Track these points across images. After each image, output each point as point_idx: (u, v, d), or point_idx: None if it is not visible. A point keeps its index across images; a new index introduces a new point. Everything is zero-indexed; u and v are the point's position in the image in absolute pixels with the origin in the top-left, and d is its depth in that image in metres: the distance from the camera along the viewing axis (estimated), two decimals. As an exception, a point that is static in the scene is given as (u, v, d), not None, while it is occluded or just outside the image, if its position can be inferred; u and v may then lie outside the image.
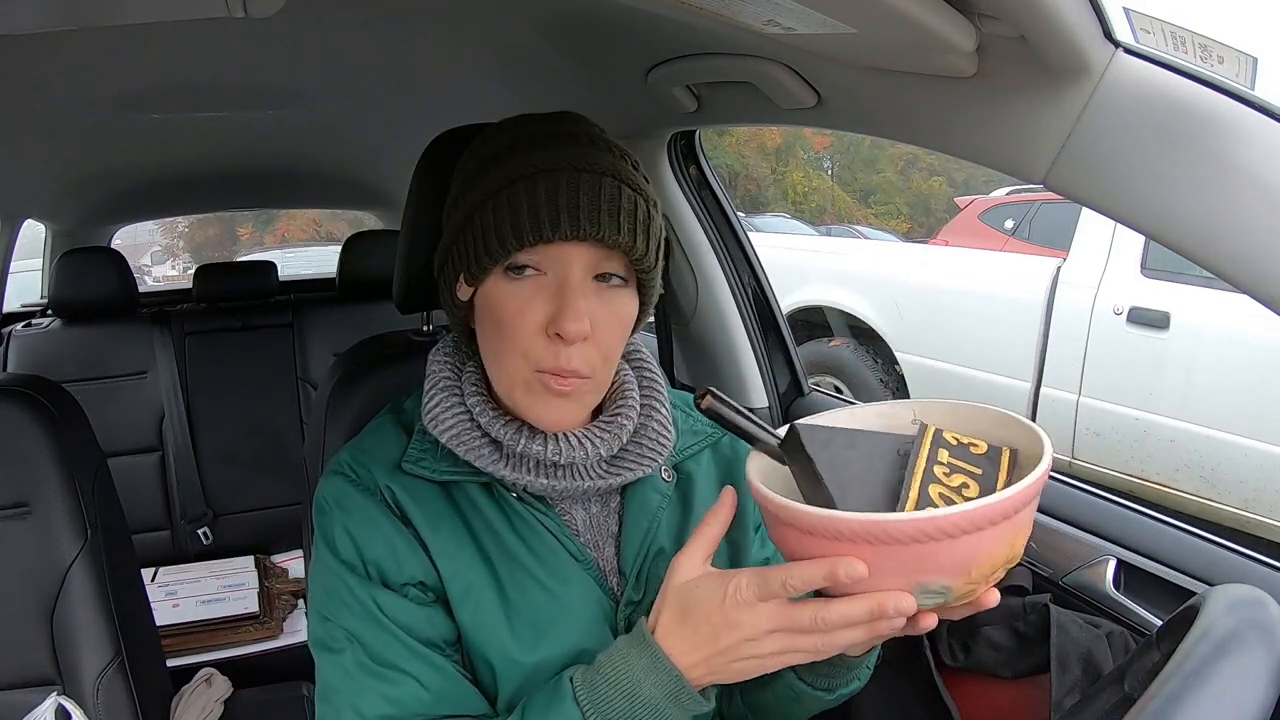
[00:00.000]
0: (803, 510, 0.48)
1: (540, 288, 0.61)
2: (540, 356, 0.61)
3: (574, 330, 0.59)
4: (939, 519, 0.45)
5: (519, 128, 0.65)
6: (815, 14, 0.58)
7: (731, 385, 1.38)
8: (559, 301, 0.60)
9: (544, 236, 0.59)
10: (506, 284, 0.61)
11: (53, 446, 1.00)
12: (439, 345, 0.73)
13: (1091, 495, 0.92)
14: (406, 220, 0.86)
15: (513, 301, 0.61)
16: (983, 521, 0.45)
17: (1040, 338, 3.21)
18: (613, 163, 0.62)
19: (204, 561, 2.00)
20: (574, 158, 0.61)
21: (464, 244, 0.63)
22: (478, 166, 0.64)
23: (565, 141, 0.62)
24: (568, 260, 0.60)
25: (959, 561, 0.47)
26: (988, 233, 4.42)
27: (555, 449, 0.64)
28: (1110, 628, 0.83)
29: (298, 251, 8.94)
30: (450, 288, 0.67)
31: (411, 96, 1.43)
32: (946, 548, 0.45)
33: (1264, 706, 0.43)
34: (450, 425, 0.66)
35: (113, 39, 0.99)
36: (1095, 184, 0.60)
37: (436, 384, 0.68)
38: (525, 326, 0.60)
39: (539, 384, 0.62)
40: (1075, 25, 0.54)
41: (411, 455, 0.67)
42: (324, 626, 0.64)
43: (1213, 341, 2.76)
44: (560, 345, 0.60)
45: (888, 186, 18.03)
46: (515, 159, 0.61)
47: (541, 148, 0.62)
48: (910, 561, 0.46)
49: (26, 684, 0.98)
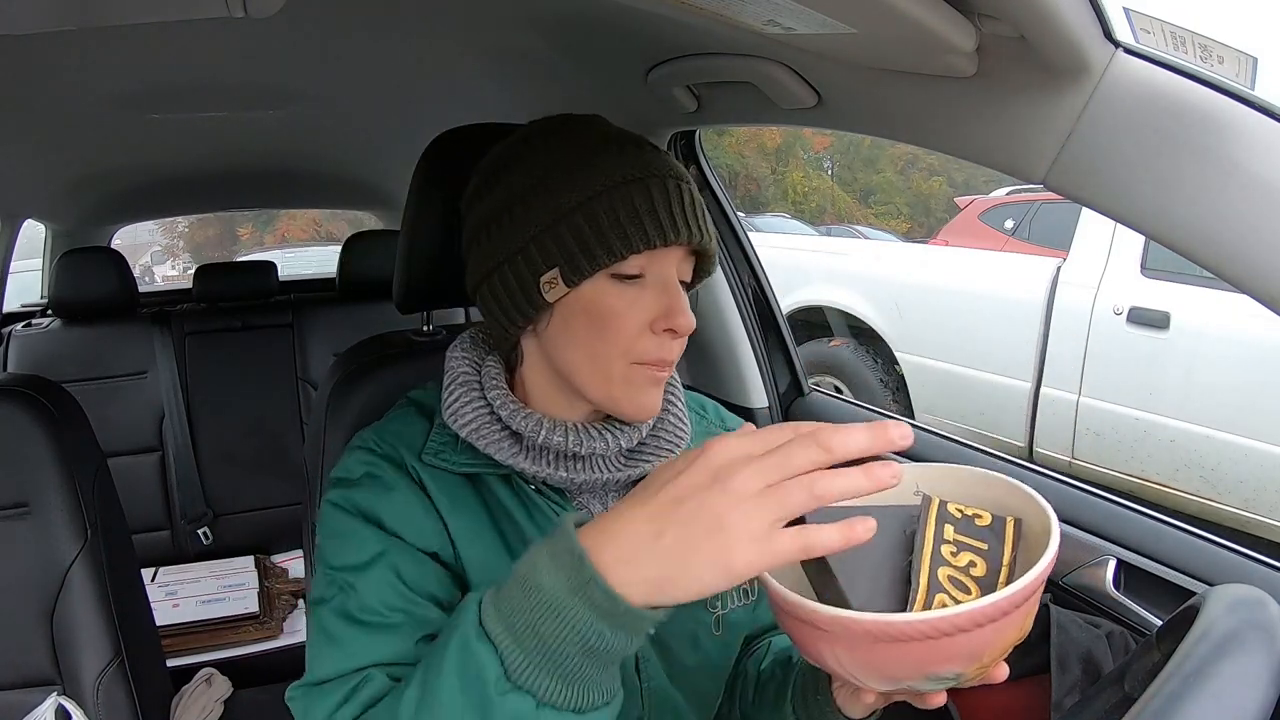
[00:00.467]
0: (814, 609, 0.47)
1: (643, 288, 0.64)
2: (645, 351, 0.64)
3: (686, 323, 0.63)
4: (952, 618, 0.44)
5: (583, 127, 0.66)
6: (815, 14, 0.58)
7: (731, 385, 1.38)
8: (666, 300, 0.63)
9: (652, 244, 0.62)
10: (615, 287, 0.63)
11: (53, 446, 1.00)
12: (457, 341, 0.73)
13: (1091, 495, 0.92)
14: (406, 220, 0.86)
15: (622, 302, 0.63)
16: (995, 614, 0.45)
17: (1040, 338, 3.21)
18: (676, 165, 0.66)
19: (204, 561, 2.00)
20: (657, 164, 0.64)
21: (555, 243, 0.62)
22: (553, 163, 0.64)
23: (632, 145, 0.65)
24: (668, 263, 0.64)
25: (971, 651, 0.46)
26: (988, 233, 4.42)
27: (576, 440, 0.65)
28: (1110, 628, 0.83)
29: (298, 251, 8.94)
30: (525, 286, 0.64)
31: (411, 96, 1.43)
32: (959, 641, 0.45)
33: (1264, 706, 0.43)
34: (470, 419, 0.67)
35: (113, 39, 0.99)
36: (1095, 184, 0.60)
37: (455, 379, 0.69)
38: (632, 326, 0.63)
39: (640, 375, 0.65)
40: (1075, 25, 0.54)
41: (432, 447, 0.67)
42: (325, 576, 0.63)
43: (1213, 341, 2.76)
44: (667, 339, 0.64)
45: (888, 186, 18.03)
46: (603, 161, 0.63)
47: (623, 150, 0.64)
48: (923, 656, 0.46)
49: (26, 684, 0.98)
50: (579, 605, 0.44)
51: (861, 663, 0.48)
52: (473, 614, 0.47)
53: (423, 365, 0.89)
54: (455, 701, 0.46)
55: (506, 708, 0.45)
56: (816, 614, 0.46)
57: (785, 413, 1.39)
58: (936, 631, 0.44)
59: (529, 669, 0.45)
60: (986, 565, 0.50)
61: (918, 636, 0.44)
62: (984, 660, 0.47)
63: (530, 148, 0.66)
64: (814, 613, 0.46)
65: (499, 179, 0.66)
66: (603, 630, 0.44)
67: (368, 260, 2.14)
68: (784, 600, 0.49)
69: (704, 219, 0.65)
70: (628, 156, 0.63)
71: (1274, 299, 0.53)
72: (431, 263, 0.86)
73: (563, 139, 0.65)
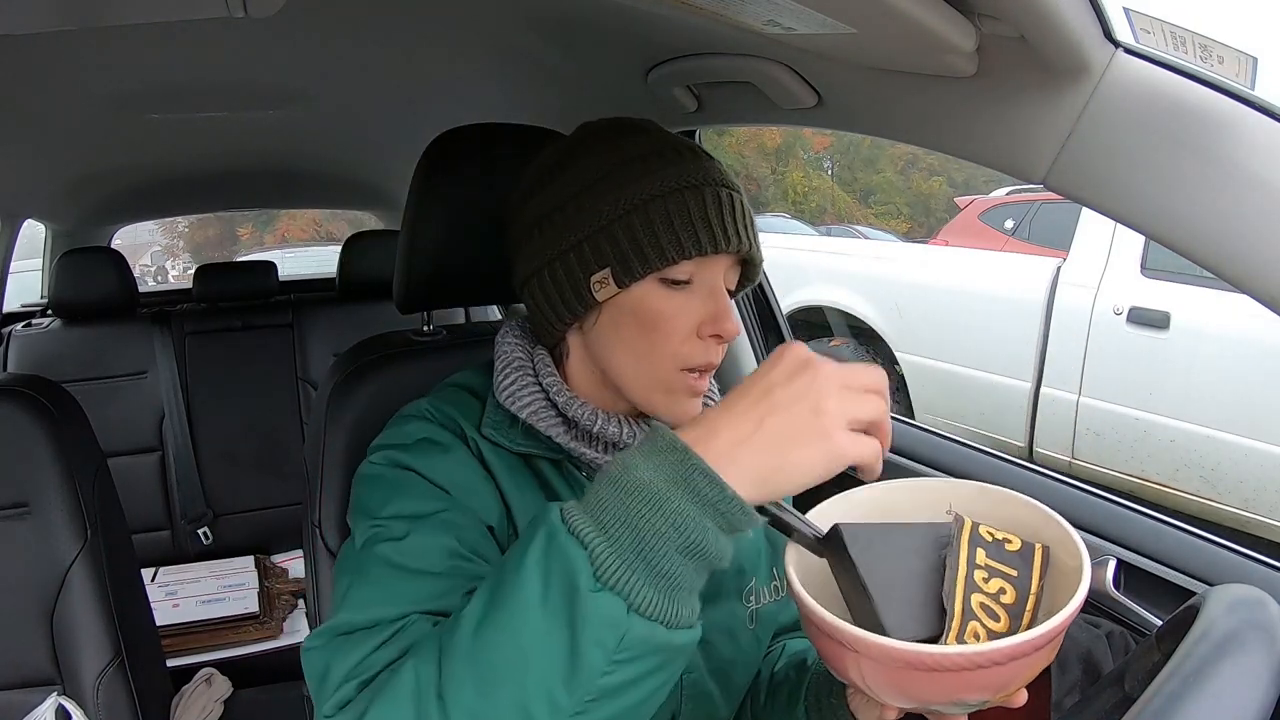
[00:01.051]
0: (855, 635, 0.47)
1: (691, 294, 0.64)
2: (691, 355, 0.64)
3: (733, 329, 0.64)
4: (989, 653, 0.45)
5: (636, 133, 0.67)
6: (815, 14, 0.58)
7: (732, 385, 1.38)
8: (713, 306, 0.64)
9: (704, 250, 0.62)
10: (664, 291, 0.63)
11: (53, 446, 1.00)
12: (506, 329, 0.73)
13: (1091, 495, 0.92)
14: (406, 220, 0.86)
15: (670, 306, 0.63)
16: (1029, 650, 0.46)
17: (1040, 338, 3.21)
18: (729, 175, 0.66)
19: (204, 561, 2.00)
20: (713, 173, 0.65)
21: (611, 243, 0.63)
22: (611, 166, 0.64)
23: (687, 152, 0.66)
24: (717, 270, 0.65)
25: (1001, 683, 0.48)
26: (988, 233, 4.42)
27: (630, 433, 0.67)
28: (1110, 628, 0.82)
29: (298, 251, 8.94)
30: (576, 283, 0.64)
31: (412, 96, 1.43)
32: (990, 673, 0.46)
33: (1264, 706, 0.43)
34: (528, 401, 0.67)
35: (113, 39, 0.99)
36: (1095, 184, 0.60)
37: (510, 364, 0.70)
38: (680, 330, 0.64)
39: (681, 386, 0.65)
40: (1075, 25, 0.54)
41: (490, 421, 0.68)
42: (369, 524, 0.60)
43: (1213, 341, 2.76)
44: (713, 344, 0.65)
45: (888, 186, 18.02)
46: (661, 167, 0.63)
47: (681, 158, 0.65)
48: (954, 684, 0.47)
49: (26, 684, 0.98)
50: (682, 497, 0.43)
51: (890, 685, 0.49)
52: (555, 515, 0.45)
53: (423, 365, 0.89)
54: (533, 608, 0.43)
55: (596, 610, 0.42)
56: (857, 639, 0.46)
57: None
58: (971, 664, 0.45)
59: (622, 568, 0.42)
60: (1016, 593, 0.51)
61: (952, 668, 0.45)
62: (1010, 689, 0.49)
63: (587, 149, 0.67)
64: (855, 638, 0.46)
65: (553, 178, 0.66)
66: (705, 525, 0.43)
67: (368, 260, 2.14)
68: (821, 620, 0.48)
69: (753, 229, 0.66)
70: (685, 163, 0.64)
71: (1274, 299, 0.53)
72: (431, 263, 0.86)
73: (619, 142, 0.66)
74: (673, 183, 0.63)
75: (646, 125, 0.69)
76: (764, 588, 0.75)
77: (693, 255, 0.62)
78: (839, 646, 0.48)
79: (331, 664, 0.52)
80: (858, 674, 0.49)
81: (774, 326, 1.41)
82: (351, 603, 0.56)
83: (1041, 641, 0.46)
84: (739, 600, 0.73)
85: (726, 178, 0.66)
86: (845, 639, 0.47)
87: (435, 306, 0.91)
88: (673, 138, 0.67)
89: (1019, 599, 0.51)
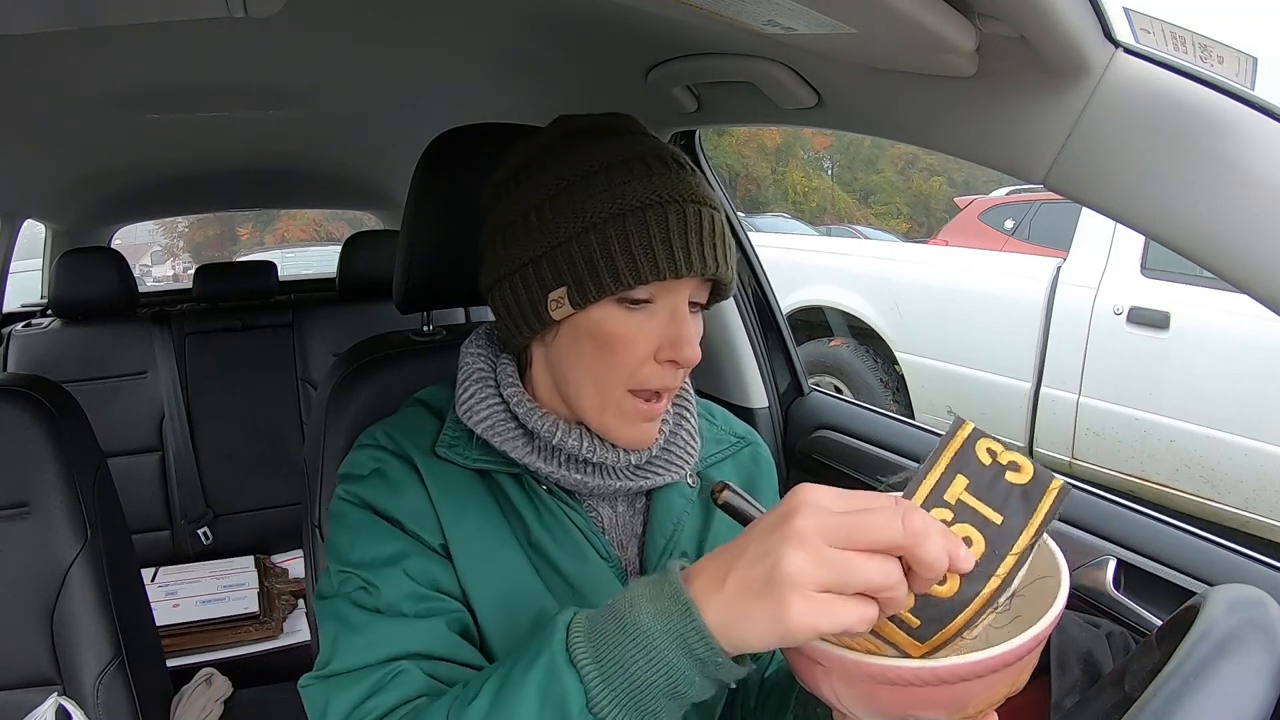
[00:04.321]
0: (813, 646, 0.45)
1: (651, 315, 0.62)
2: (647, 379, 0.63)
3: (691, 355, 0.62)
4: (937, 669, 0.41)
5: (607, 138, 0.63)
6: (815, 14, 0.58)
7: (732, 385, 1.38)
8: (673, 330, 0.62)
9: (663, 275, 0.60)
10: (622, 313, 0.62)
11: (53, 446, 1.00)
12: (471, 338, 0.73)
13: (1091, 495, 0.92)
14: (406, 220, 0.86)
15: (628, 329, 0.62)
16: (985, 670, 0.41)
17: (1040, 338, 3.21)
18: (704, 189, 0.63)
19: (204, 561, 2.00)
20: (678, 188, 0.61)
21: (566, 262, 0.61)
22: (576, 177, 0.61)
23: (657, 164, 0.62)
24: (680, 292, 0.62)
25: (958, 701, 0.43)
26: (988, 233, 4.42)
27: (590, 446, 0.66)
28: (1110, 628, 0.83)
29: (298, 251, 8.94)
30: (533, 300, 0.63)
31: (411, 96, 1.43)
32: (945, 691, 0.42)
33: (1264, 706, 0.43)
34: (485, 415, 0.66)
35: (113, 39, 0.99)
36: (1095, 184, 0.60)
37: (470, 375, 0.69)
38: (638, 353, 0.62)
39: (632, 409, 0.64)
40: (1075, 25, 0.54)
41: (444, 440, 0.67)
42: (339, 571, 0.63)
43: (1213, 341, 2.76)
44: (670, 369, 0.63)
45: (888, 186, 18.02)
46: (626, 183, 0.60)
47: (649, 171, 0.61)
48: (909, 699, 0.43)
49: (26, 684, 0.98)
50: (677, 651, 0.45)
51: (857, 698, 0.46)
52: (560, 637, 0.48)
53: (423, 365, 0.89)
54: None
55: None
56: (816, 651, 0.45)
57: (785, 412, 1.39)
58: (920, 680, 0.41)
59: (611, 705, 0.46)
60: (985, 548, 0.43)
61: (901, 683, 0.42)
62: (969, 711, 0.44)
63: (553, 155, 0.64)
64: (815, 651, 0.45)
65: (519, 182, 0.64)
66: (693, 678, 0.45)
67: (368, 260, 2.14)
68: None
69: (724, 247, 0.63)
70: (652, 177, 0.61)
71: (1274, 299, 0.53)
72: (431, 263, 0.86)
73: (588, 150, 0.63)
74: (635, 200, 0.60)
75: (623, 127, 0.65)
76: None
77: (650, 280, 0.60)
78: (807, 661, 0.47)
79: (330, 702, 0.57)
80: (829, 688, 0.47)
81: (774, 326, 1.41)
82: (340, 650, 0.60)
83: (999, 663, 0.41)
84: None
85: (698, 192, 0.62)
86: (810, 653, 0.45)
87: (435, 306, 0.91)
88: (649, 144, 0.64)
89: (987, 557, 0.43)
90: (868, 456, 1.20)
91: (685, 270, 0.60)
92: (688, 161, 0.65)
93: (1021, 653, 0.41)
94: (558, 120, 0.67)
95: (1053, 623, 0.43)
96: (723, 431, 0.79)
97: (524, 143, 0.67)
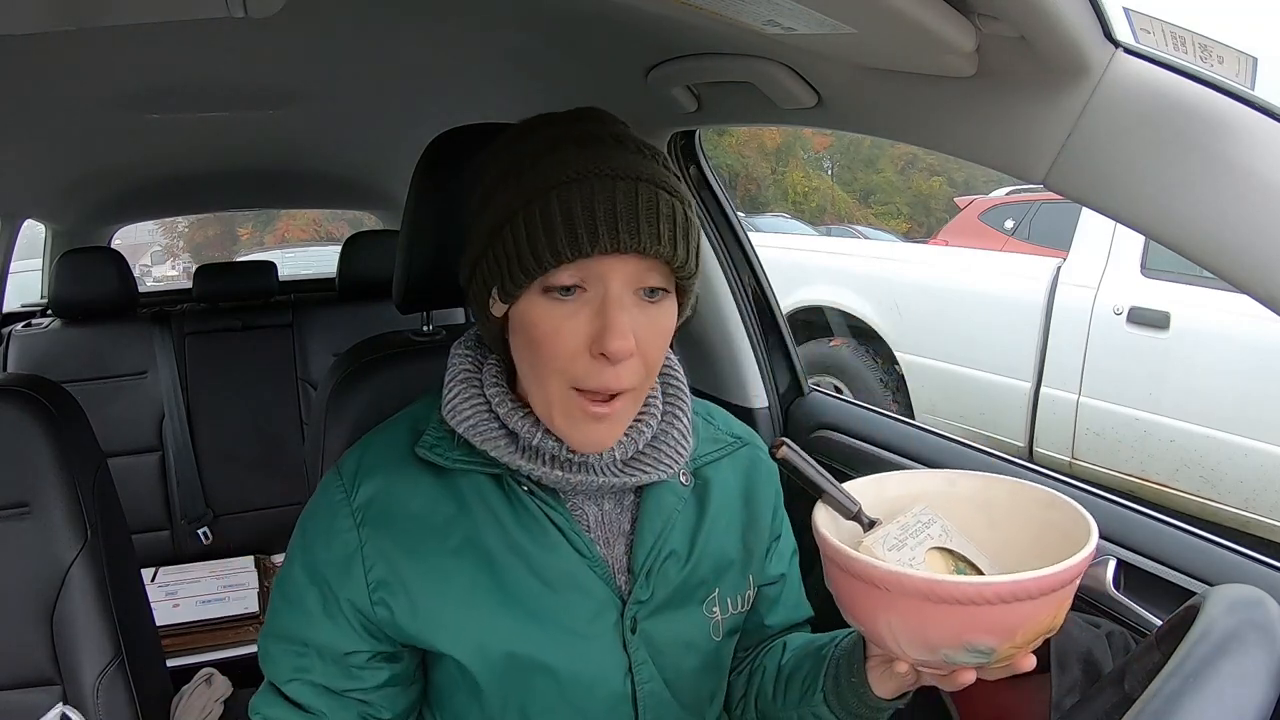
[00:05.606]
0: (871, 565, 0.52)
1: (581, 304, 0.58)
2: (581, 375, 0.59)
3: (619, 349, 0.57)
4: (997, 585, 0.49)
5: (542, 129, 0.61)
6: (815, 14, 0.58)
7: (731, 385, 1.38)
8: (602, 319, 0.57)
9: (582, 251, 0.55)
10: (545, 303, 0.58)
11: (53, 446, 1.00)
12: (461, 339, 0.73)
13: (1091, 495, 0.92)
14: (406, 220, 0.86)
15: (550, 321, 0.58)
16: (1035, 591, 0.49)
17: (1040, 338, 3.21)
18: (645, 165, 0.58)
19: (204, 561, 2.00)
20: (605, 163, 0.57)
21: (493, 259, 0.59)
22: (501, 173, 0.60)
23: (592, 144, 0.58)
24: (608, 275, 0.57)
25: (1008, 625, 0.50)
26: (988, 233, 4.42)
27: (565, 446, 0.65)
28: (1110, 628, 0.82)
29: (298, 251, 8.94)
30: (481, 302, 0.64)
31: (411, 96, 1.43)
32: (999, 611, 0.49)
33: (1264, 706, 0.43)
34: (468, 415, 0.66)
35: (113, 39, 0.98)
36: (1095, 184, 0.59)
37: (456, 376, 0.69)
38: (565, 346, 0.58)
39: (577, 408, 0.60)
40: (1075, 25, 0.54)
41: (426, 442, 0.67)
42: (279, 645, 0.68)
43: (1213, 341, 2.76)
44: (605, 364, 0.58)
45: (888, 186, 18.02)
46: (543, 166, 0.57)
47: (569, 153, 0.58)
48: (964, 621, 0.50)
49: (26, 684, 0.98)
50: None
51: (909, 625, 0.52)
52: None
53: (423, 365, 0.89)
54: None
55: None
56: (875, 569, 0.51)
57: (785, 413, 1.39)
58: (981, 598, 0.48)
59: None
60: None
61: (963, 599, 0.49)
62: (1016, 639, 0.51)
63: (492, 154, 0.63)
64: (873, 568, 0.51)
65: (473, 186, 0.65)
66: None
67: (367, 260, 2.14)
68: (844, 558, 0.53)
69: (669, 227, 0.57)
70: (584, 155, 0.57)
71: (1274, 299, 0.53)
72: (431, 263, 0.86)
73: (523, 141, 0.61)
74: (554, 178, 0.56)
75: (566, 117, 0.62)
76: (731, 597, 0.74)
77: (572, 258, 0.55)
78: (865, 585, 0.52)
79: None
80: (885, 621, 0.53)
81: (774, 326, 1.41)
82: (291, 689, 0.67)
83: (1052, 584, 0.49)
84: (699, 610, 0.72)
85: (634, 168, 0.57)
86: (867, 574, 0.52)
87: (435, 306, 0.91)
88: (589, 129, 0.59)
89: None
90: (868, 456, 1.20)
91: (610, 245, 0.55)
92: (645, 145, 0.61)
93: (1067, 578, 0.50)
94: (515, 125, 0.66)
95: (1089, 555, 0.51)
96: (721, 431, 0.79)
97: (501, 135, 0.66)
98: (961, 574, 0.59)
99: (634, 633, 0.68)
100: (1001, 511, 0.63)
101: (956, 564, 0.59)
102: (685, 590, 0.71)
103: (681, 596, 0.71)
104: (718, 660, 0.74)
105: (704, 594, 0.72)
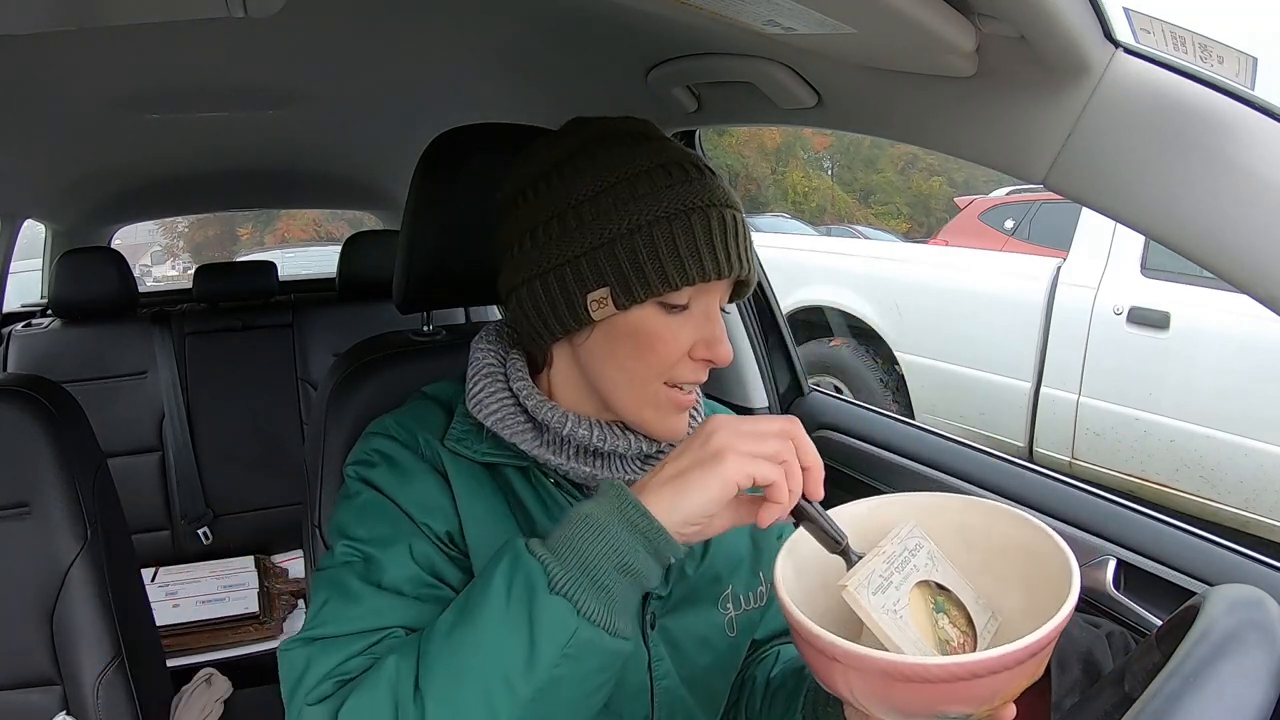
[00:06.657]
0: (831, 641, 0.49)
1: (687, 317, 0.64)
2: (681, 374, 0.65)
3: (725, 354, 0.65)
4: (969, 664, 0.46)
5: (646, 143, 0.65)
6: (815, 14, 0.58)
7: (732, 385, 1.38)
8: (708, 331, 0.65)
9: (706, 277, 0.62)
10: (661, 314, 0.63)
11: (53, 446, 1.00)
12: (482, 333, 0.73)
13: (1091, 495, 0.92)
14: (406, 220, 0.86)
15: (668, 331, 0.64)
16: (1010, 662, 0.47)
17: (1040, 338, 3.21)
18: (730, 193, 0.65)
19: (204, 561, 2.00)
20: (717, 193, 0.64)
21: (612, 264, 0.61)
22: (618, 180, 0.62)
23: (700, 172, 0.64)
24: (713, 293, 0.65)
25: (984, 695, 0.48)
26: (988, 233, 4.42)
27: (600, 435, 0.67)
28: (1110, 628, 0.82)
29: (298, 251, 8.94)
30: (570, 299, 0.63)
31: (411, 96, 1.43)
32: (972, 685, 0.47)
33: (1264, 706, 0.43)
34: (495, 409, 0.67)
35: (113, 39, 0.98)
36: (1095, 184, 0.60)
37: (480, 370, 0.70)
38: (674, 352, 0.64)
39: (670, 402, 0.66)
40: (1075, 25, 0.54)
41: (454, 434, 0.68)
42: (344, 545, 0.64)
43: (1213, 341, 2.75)
44: (701, 366, 0.66)
45: (888, 186, 18.01)
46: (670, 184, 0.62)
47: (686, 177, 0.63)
48: (935, 696, 0.47)
49: (26, 684, 0.98)
50: (618, 524, 0.53)
51: (875, 696, 0.49)
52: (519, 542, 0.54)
53: (423, 365, 0.89)
54: (499, 610, 0.52)
55: (551, 612, 0.51)
56: (834, 646, 0.48)
57: (785, 412, 1.39)
58: (951, 676, 0.46)
59: (570, 582, 0.52)
60: None
61: (932, 679, 0.46)
62: (994, 703, 0.49)
63: (589, 156, 0.64)
64: (832, 645, 0.48)
65: (550, 184, 0.64)
66: (636, 547, 0.52)
67: (367, 260, 2.14)
68: (807, 631, 0.50)
69: (750, 249, 0.66)
70: (690, 182, 0.63)
71: (1274, 299, 0.53)
72: (431, 263, 0.86)
73: (625, 153, 0.63)
74: (679, 204, 0.61)
75: (649, 132, 0.67)
76: (744, 594, 0.75)
77: (695, 282, 0.62)
78: (825, 658, 0.49)
79: (312, 662, 0.58)
80: (845, 685, 0.50)
81: (774, 326, 1.41)
82: (329, 615, 0.61)
83: (1024, 655, 0.46)
84: (715, 607, 0.73)
85: (729, 197, 0.65)
86: (827, 649, 0.48)
87: (435, 306, 0.91)
88: (677, 150, 0.65)
89: None
90: (868, 457, 1.20)
91: (726, 271, 0.63)
92: (713, 166, 0.67)
93: (1045, 643, 0.47)
94: (579, 123, 0.68)
95: (1067, 617, 0.48)
96: None
97: (546, 145, 0.67)
98: (941, 611, 0.55)
99: (653, 628, 0.69)
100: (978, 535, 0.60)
101: (937, 599, 0.55)
102: (700, 587, 0.72)
103: (697, 593, 0.72)
104: (731, 659, 0.75)
105: (718, 591, 0.73)
